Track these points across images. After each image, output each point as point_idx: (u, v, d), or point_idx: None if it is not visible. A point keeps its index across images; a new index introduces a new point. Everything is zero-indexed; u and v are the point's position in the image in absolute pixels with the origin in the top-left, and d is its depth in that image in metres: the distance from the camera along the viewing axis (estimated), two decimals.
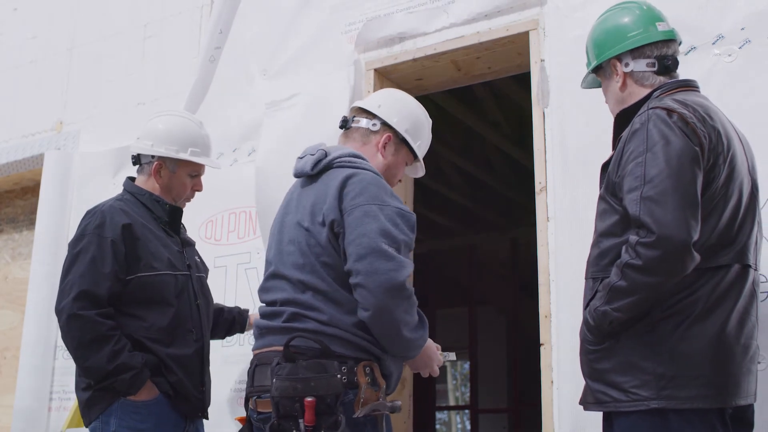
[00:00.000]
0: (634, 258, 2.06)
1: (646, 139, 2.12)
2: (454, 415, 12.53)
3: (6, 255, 5.41)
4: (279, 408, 2.21)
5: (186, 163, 3.02)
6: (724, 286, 2.12)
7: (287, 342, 2.24)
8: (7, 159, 5.17)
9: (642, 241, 2.05)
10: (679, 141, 2.09)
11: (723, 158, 2.16)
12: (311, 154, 2.49)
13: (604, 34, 2.42)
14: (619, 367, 2.13)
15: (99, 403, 2.73)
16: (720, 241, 2.14)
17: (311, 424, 2.17)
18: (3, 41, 5.63)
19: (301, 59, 4.11)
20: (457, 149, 7.15)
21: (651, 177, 2.07)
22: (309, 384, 2.19)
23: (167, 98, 4.56)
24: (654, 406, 2.06)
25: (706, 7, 3.05)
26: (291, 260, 2.38)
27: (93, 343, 2.67)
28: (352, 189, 2.33)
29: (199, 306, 2.94)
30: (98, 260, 2.75)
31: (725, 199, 2.16)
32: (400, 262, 2.25)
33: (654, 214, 2.04)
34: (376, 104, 2.62)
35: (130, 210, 2.91)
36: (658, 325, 2.10)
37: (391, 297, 2.22)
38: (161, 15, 4.87)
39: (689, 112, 2.15)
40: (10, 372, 4.98)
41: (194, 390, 2.85)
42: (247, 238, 4.03)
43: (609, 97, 2.45)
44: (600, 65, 2.43)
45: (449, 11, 3.71)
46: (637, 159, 2.12)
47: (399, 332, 2.26)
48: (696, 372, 2.06)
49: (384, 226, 2.27)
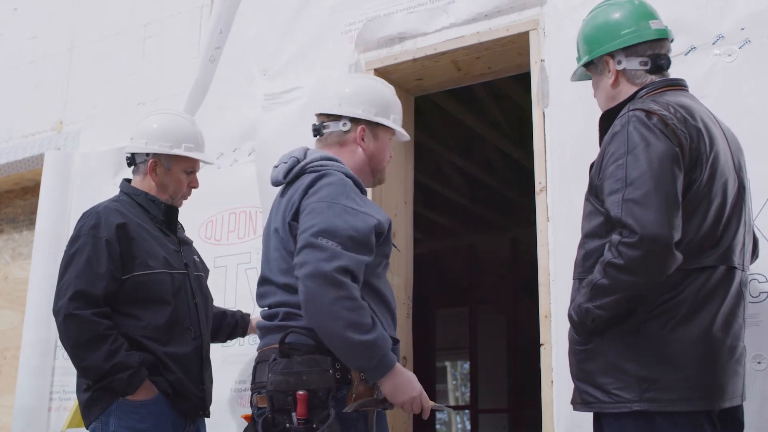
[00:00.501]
0: (617, 257, 2.06)
1: (626, 141, 2.12)
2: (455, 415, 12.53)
3: (6, 255, 5.41)
4: (273, 402, 2.26)
5: (180, 159, 3.04)
6: (709, 287, 2.12)
7: (282, 338, 2.29)
8: (7, 159, 5.17)
9: (624, 240, 2.05)
10: (659, 143, 2.09)
11: (705, 158, 2.16)
12: (284, 162, 2.53)
13: (596, 30, 2.40)
14: (604, 369, 2.14)
15: (98, 403, 2.74)
16: (704, 242, 2.13)
17: (303, 417, 2.20)
18: (3, 41, 5.63)
19: (301, 59, 4.11)
20: (457, 149, 7.15)
21: (632, 179, 2.07)
22: (301, 378, 2.23)
23: (167, 98, 4.56)
24: (636, 408, 2.06)
25: (706, 7, 3.06)
26: (276, 266, 2.42)
27: (90, 343, 2.68)
28: (312, 191, 2.37)
29: (197, 304, 2.95)
30: (93, 260, 2.77)
31: (708, 199, 2.15)
32: (333, 253, 2.22)
33: (636, 215, 2.04)
34: (336, 104, 2.60)
35: (125, 210, 2.93)
36: (643, 326, 2.11)
37: (317, 284, 2.20)
38: (161, 15, 4.87)
39: (669, 113, 2.15)
40: (10, 372, 4.98)
41: (194, 388, 2.85)
42: (247, 238, 4.03)
43: (599, 92, 2.44)
44: (591, 61, 2.42)
45: (449, 11, 3.70)
46: (618, 161, 2.12)
47: (333, 326, 2.20)
48: (680, 374, 2.06)
49: (326, 222, 2.28)
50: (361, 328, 2.20)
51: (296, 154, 2.54)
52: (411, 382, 2.31)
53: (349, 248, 2.26)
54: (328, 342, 2.24)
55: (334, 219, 2.29)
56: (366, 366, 2.23)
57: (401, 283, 3.90)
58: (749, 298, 2.61)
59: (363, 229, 2.30)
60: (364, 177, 2.60)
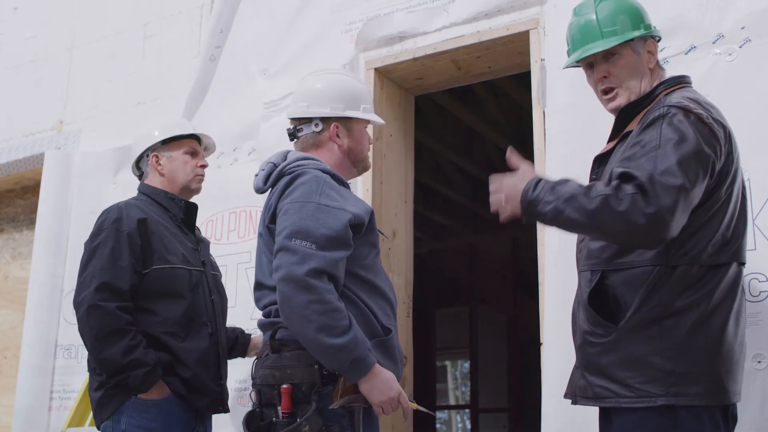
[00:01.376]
0: (619, 201, 1.98)
1: (659, 135, 2.08)
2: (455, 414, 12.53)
3: (6, 254, 5.41)
4: (261, 396, 2.32)
5: (177, 142, 3.08)
6: (727, 283, 2.13)
7: (272, 334, 2.34)
8: (8, 158, 5.17)
9: (639, 193, 1.98)
10: (692, 142, 2.06)
11: (732, 158, 2.16)
12: (262, 170, 2.55)
13: (638, 10, 2.35)
14: (625, 362, 2.10)
15: (110, 402, 2.75)
16: (725, 240, 2.14)
17: (288, 410, 2.23)
18: (3, 41, 5.63)
19: (302, 59, 4.11)
20: (458, 148, 7.15)
21: (662, 170, 2.01)
22: (286, 372, 2.28)
23: (168, 97, 4.56)
24: (662, 402, 2.04)
25: (707, 6, 3.06)
26: (267, 269, 2.44)
27: (110, 336, 2.69)
28: (287, 192, 2.38)
29: (213, 302, 2.97)
30: (117, 253, 2.79)
31: (729, 198, 2.16)
32: (303, 255, 2.24)
33: (659, 187, 1.98)
34: (304, 106, 2.59)
35: (146, 208, 2.95)
36: (666, 321, 2.09)
37: (289, 288, 2.23)
38: (161, 14, 4.87)
39: (705, 113, 2.13)
40: (10, 371, 4.98)
41: (212, 384, 2.87)
42: (248, 238, 4.03)
43: (627, 72, 2.31)
44: (633, 39, 2.31)
45: (449, 10, 3.70)
46: (649, 154, 2.06)
47: (305, 330, 2.22)
48: (703, 369, 2.06)
49: (298, 222, 2.29)
50: (333, 330, 2.21)
51: (273, 160, 2.55)
52: (388, 382, 2.31)
53: (323, 247, 2.27)
54: (304, 344, 2.27)
55: (307, 219, 2.30)
56: (339, 368, 2.26)
57: (402, 282, 3.90)
58: (749, 297, 2.62)
59: (336, 226, 2.31)
60: (345, 171, 2.60)
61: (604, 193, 2.02)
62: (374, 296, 2.42)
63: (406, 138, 4.15)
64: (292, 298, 2.22)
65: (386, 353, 2.39)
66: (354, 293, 2.37)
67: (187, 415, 2.83)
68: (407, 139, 4.16)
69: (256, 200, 3.94)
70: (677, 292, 2.09)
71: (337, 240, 2.30)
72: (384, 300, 2.46)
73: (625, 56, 2.32)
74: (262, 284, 2.49)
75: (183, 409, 2.81)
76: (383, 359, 2.35)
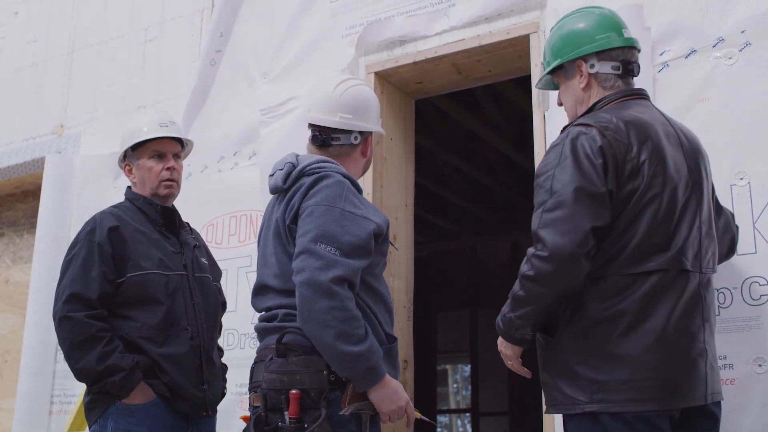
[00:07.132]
0: (530, 270, 2.18)
1: (560, 153, 2.20)
2: (456, 418, 12.52)
3: (7, 258, 5.42)
4: (267, 400, 2.30)
5: (142, 148, 3.01)
6: (657, 291, 2.14)
7: (279, 338, 2.31)
8: (8, 162, 5.17)
9: (537, 253, 2.17)
10: (587, 158, 2.16)
11: (647, 166, 2.18)
12: (280, 169, 2.53)
13: (569, 35, 2.42)
14: (560, 371, 2.21)
15: (97, 406, 2.76)
16: (651, 247, 2.16)
17: (295, 416, 2.22)
18: (4, 45, 5.64)
19: (302, 63, 4.11)
20: (458, 152, 7.15)
21: (555, 190, 2.17)
22: (294, 377, 2.27)
23: (168, 101, 4.57)
24: (588, 409, 2.13)
25: (707, 10, 3.06)
26: (272, 271, 2.44)
27: (83, 345, 2.70)
28: (312, 193, 2.38)
29: (195, 305, 2.94)
30: (87, 264, 2.81)
31: (653, 206, 2.17)
32: (329, 261, 2.25)
33: (549, 230, 2.15)
34: (348, 117, 2.57)
35: (123, 215, 2.95)
36: (592, 330, 2.16)
37: (311, 292, 2.23)
38: (161, 18, 4.87)
39: (611, 125, 2.20)
40: (11, 375, 4.98)
41: (193, 389, 2.84)
42: (248, 242, 4.03)
43: (568, 96, 2.46)
44: (562, 65, 2.43)
45: (450, 14, 3.71)
46: (548, 173, 2.21)
47: (324, 335, 2.23)
48: (629, 376, 2.10)
49: (324, 227, 2.30)
50: (351, 338, 2.23)
51: (290, 160, 2.54)
52: (397, 392, 2.34)
53: (346, 254, 2.28)
54: (320, 349, 2.27)
55: (332, 224, 2.30)
56: (353, 375, 2.26)
57: (402, 286, 3.90)
58: (716, 300, 2.61)
59: (361, 234, 2.32)
60: (357, 177, 2.64)
61: (520, 273, 2.22)
62: (377, 303, 2.43)
63: (406, 142, 4.15)
64: (313, 302, 2.22)
65: (391, 360, 2.40)
66: (363, 301, 2.37)
67: (174, 419, 2.81)
68: (408, 142, 4.16)
69: (257, 204, 3.95)
70: (601, 302, 2.16)
71: (360, 248, 2.31)
72: (386, 309, 2.48)
73: (562, 83, 2.48)
74: (267, 286, 2.46)
75: (170, 412, 2.79)
76: (388, 366, 2.36)
